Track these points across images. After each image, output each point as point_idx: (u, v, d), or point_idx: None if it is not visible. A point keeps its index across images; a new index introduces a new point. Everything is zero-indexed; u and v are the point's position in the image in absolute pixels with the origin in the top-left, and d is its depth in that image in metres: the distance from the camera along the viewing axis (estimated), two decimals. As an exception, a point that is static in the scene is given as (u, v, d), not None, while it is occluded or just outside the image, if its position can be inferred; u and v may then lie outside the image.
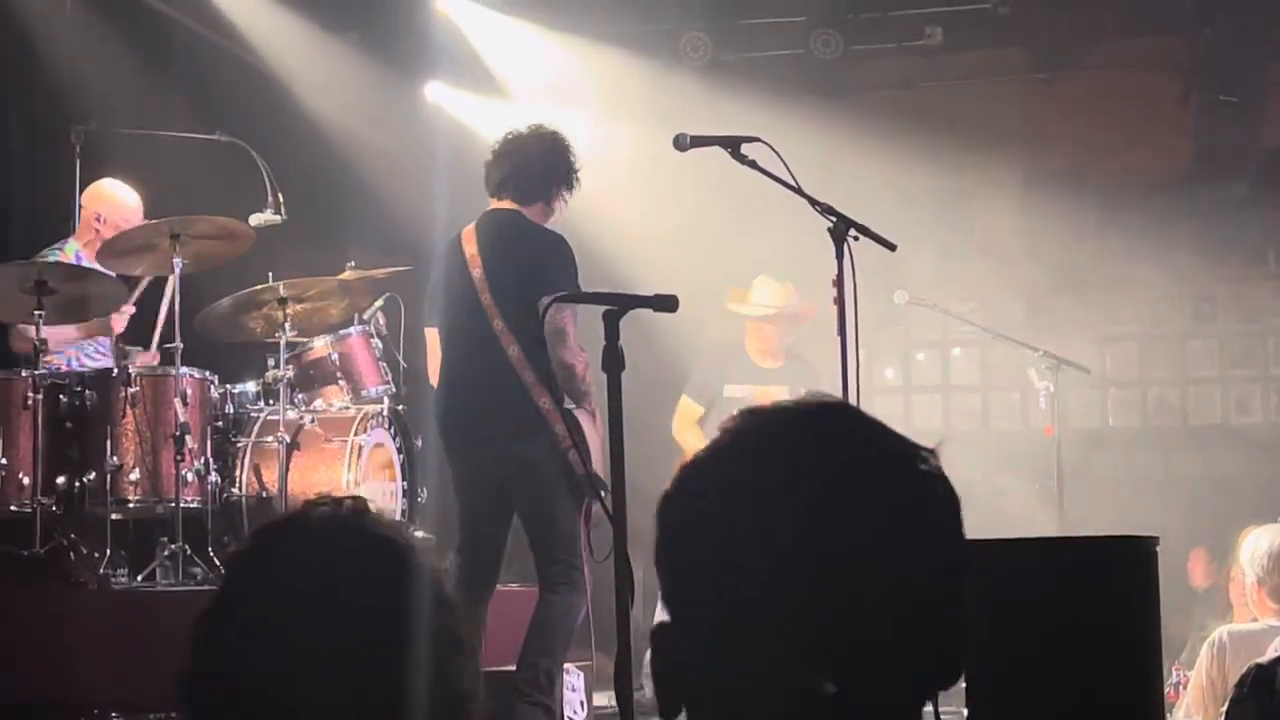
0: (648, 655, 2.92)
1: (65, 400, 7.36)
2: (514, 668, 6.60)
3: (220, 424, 7.85)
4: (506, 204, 6.86)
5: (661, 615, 1.57)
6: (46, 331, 7.39)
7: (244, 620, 1.86)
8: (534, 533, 6.74)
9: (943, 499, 1.54)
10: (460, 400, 6.80)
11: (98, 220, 8.08)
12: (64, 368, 7.93)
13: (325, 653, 1.82)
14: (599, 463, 6.29)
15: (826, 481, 1.50)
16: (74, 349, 8.13)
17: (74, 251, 8.07)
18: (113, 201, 8.15)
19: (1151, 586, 4.77)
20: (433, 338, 7.01)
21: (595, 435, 6.42)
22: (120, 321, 8.15)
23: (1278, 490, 10.53)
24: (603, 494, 6.44)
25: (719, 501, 1.52)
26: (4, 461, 7.21)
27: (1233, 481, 11.45)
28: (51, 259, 7.92)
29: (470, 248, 6.82)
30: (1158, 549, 4.87)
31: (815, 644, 1.46)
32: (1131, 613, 4.71)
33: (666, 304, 4.94)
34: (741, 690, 1.48)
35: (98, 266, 7.80)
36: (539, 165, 6.85)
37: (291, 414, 7.81)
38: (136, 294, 8.14)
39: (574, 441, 6.50)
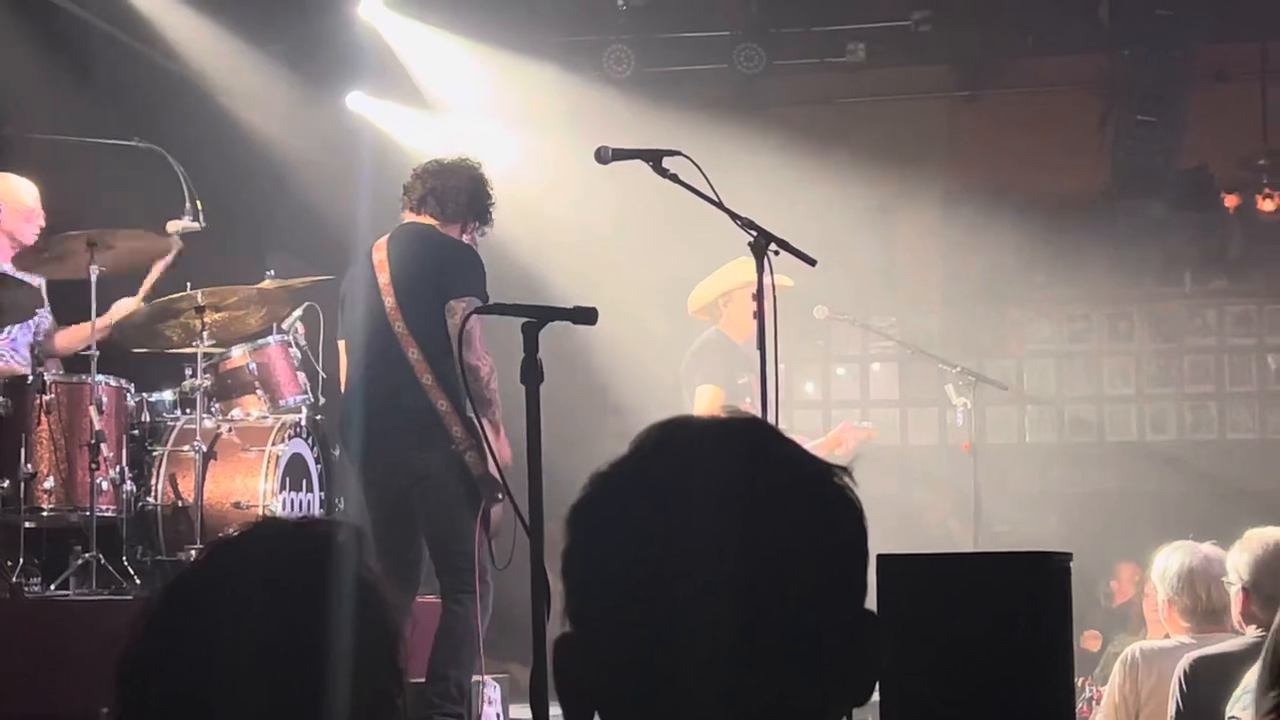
0: None
1: (-22, 407, 7.27)
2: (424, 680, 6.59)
3: (136, 432, 7.77)
4: (424, 219, 6.90)
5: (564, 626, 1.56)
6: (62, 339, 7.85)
7: (175, 622, 1.87)
8: (434, 543, 6.77)
9: (855, 518, 1.55)
10: (360, 406, 6.81)
11: None
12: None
13: (249, 655, 1.83)
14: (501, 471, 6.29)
15: (743, 497, 1.50)
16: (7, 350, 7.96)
17: None
18: (5, 193, 7.99)
19: (1064, 602, 4.80)
20: (345, 349, 7.03)
21: (499, 444, 6.41)
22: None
23: (1191, 507, 10.67)
24: (500, 496, 6.46)
25: (633, 514, 1.51)
26: (-83, 470, 7.11)
27: (1147, 498, 11.58)
28: None
29: (379, 254, 6.91)
30: (1071, 565, 4.90)
31: (730, 657, 1.47)
32: (1044, 628, 4.73)
33: (586, 316, 4.92)
34: (656, 700, 1.48)
35: (9, 270, 7.71)
36: (462, 192, 6.96)
37: (208, 423, 7.75)
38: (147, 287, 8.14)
39: (472, 443, 6.52)
